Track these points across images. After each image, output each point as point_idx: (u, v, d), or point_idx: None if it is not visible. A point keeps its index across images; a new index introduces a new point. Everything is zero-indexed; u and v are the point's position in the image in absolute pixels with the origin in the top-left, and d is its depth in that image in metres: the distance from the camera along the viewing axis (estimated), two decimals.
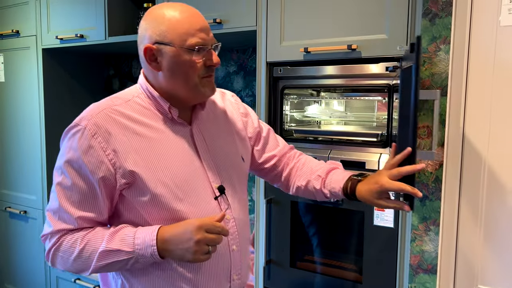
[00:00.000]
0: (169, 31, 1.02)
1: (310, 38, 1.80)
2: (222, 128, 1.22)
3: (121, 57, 3.07)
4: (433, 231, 1.56)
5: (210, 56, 1.05)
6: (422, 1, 1.54)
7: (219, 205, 1.13)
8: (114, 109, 1.05)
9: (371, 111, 2.07)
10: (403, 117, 1.10)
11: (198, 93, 1.07)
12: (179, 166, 1.07)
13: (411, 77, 1.06)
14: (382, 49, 1.65)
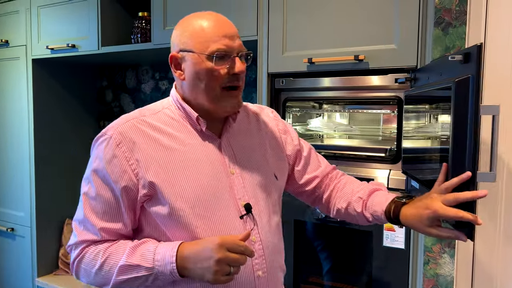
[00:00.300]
0: (192, 38, 1.00)
1: (313, 48, 1.71)
2: (255, 143, 1.14)
3: (114, 68, 2.97)
4: (448, 253, 1.46)
5: (234, 64, 0.99)
6: (434, 9, 1.46)
7: (245, 224, 1.04)
8: (141, 120, 1.03)
9: (376, 125, 1.98)
10: (459, 136, 1.00)
11: (219, 106, 1.01)
12: (203, 180, 1.01)
13: (468, 90, 0.96)
14: (391, 60, 1.56)
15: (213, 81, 0.98)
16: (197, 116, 1.03)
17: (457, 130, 1.01)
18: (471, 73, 0.99)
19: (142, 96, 2.86)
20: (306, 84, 1.78)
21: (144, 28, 2.28)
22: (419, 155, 1.46)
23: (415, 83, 1.49)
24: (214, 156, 1.05)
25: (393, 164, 1.64)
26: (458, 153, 1.02)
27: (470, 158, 0.99)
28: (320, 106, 2.11)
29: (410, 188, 1.54)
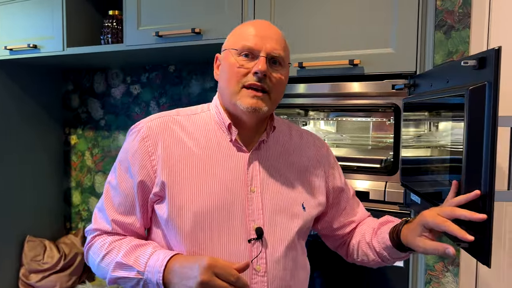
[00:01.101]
0: (230, 37, 1.02)
1: (304, 52, 1.59)
2: (290, 167, 1.06)
3: (81, 71, 2.75)
4: (452, 271, 1.37)
5: (257, 62, 0.95)
6: (434, 11, 1.37)
7: (251, 250, 0.94)
8: (174, 118, 1.01)
9: (367, 133, 1.88)
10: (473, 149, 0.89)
11: (236, 104, 0.96)
12: (217, 191, 0.95)
13: (484, 99, 0.85)
14: (387, 65, 1.46)
15: (234, 76, 0.95)
16: (229, 123, 0.99)
17: (472, 143, 0.91)
18: (487, 79, 0.89)
19: (112, 101, 2.65)
20: (296, 90, 1.65)
21: (115, 28, 2.09)
22: (421, 166, 1.37)
23: (415, 89, 1.39)
24: (237, 169, 0.98)
25: (389, 175, 1.53)
26: (472, 168, 0.91)
27: (486, 175, 0.89)
28: (306, 113, 1.99)
29: (409, 202, 1.44)
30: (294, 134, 1.12)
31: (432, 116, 1.29)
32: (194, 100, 2.38)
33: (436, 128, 1.30)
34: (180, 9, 1.83)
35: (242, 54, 0.95)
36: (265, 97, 0.95)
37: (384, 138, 1.80)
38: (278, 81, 0.97)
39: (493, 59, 0.86)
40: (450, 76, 1.09)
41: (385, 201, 1.51)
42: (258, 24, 1.00)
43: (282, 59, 0.98)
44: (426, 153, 1.35)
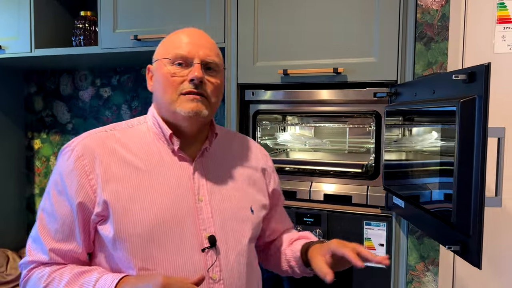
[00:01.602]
0: (160, 46, 1.01)
1: (288, 59, 1.62)
2: (235, 172, 1.06)
3: (44, 72, 2.63)
4: (432, 271, 1.44)
5: (191, 70, 0.94)
6: (414, 23, 1.44)
7: (206, 259, 0.92)
8: (110, 134, 0.98)
9: (345, 138, 1.93)
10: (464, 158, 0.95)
11: (175, 112, 0.94)
12: (164, 205, 0.92)
13: (474, 111, 0.91)
14: (370, 74, 1.51)
15: (170, 86, 0.94)
16: (170, 133, 0.97)
17: (463, 151, 0.97)
18: (477, 93, 0.95)
19: (81, 104, 2.55)
20: (279, 97, 1.67)
21: (87, 29, 2.02)
22: (404, 170, 1.43)
23: (396, 98, 1.46)
24: (182, 179, 0.96)
25: (370, 180, 1.59)
26: (463, 176, 0.98)
27: (477, 182, 0.95)
28: (283, 119, 2.02)
29: (391, 206, 1.50)
30: (235, 139, 1.14)
31: (417, 123, 1.36)
32: None
33: (420, 135, 1.37)
34: (159, 12, 1.79)
35: (176, 62, 0.94)
36: (204, 101, 0.94)
37: (363, 143, 1.87)
38: (215, 86, 0.97)
39: (483, 74, 0.92)
40: (437, 87, 1.15)
41: (368, 205, 1.56)
42: (189, 32, 0.99)
43: (216, 65, 0.97)
44: (410, 158, 1.41)
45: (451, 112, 1.01)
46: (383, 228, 1.53)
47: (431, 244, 1.44)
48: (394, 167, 1.48)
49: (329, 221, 1.59)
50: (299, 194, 1.65)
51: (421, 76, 1.41)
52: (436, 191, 1.15)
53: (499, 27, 1.39)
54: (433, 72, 1.41)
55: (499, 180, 0.97)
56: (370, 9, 1.49)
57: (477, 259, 0.94)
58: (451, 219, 0.99)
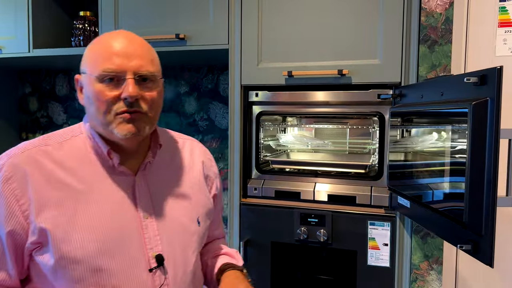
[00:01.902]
0: (86, 57, 0.89)
1: (292, 61, 1.63)
2: (181, 182, 1.00)
3: (39, 73, 2.59)
4: (436, 270, 1.47)
5: (126, 87, 0.84)
6: (418, 26, 1.46)
7: (154, 279, 0.89)
8: (42, 150, 0.88)
9: (345, 139, 1.95)
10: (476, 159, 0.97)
11: (112, 133, 0.87)
12: (107, 226, 0.86)
13: (486, 113, 0.93)
14: (374, 75, 1.53)
15: (102, 106, 0.85)
16: (108, 149, 0.89)
17: (475, 152, 0.99)
18: (489, 95, 0.98)
19: (77, 105, 2.53)
20: (283, 98, 1.68)
21: (87, 29, 2.00)
22: (409, 171, 1.45)
23: (401, 99, 1.48)
24: (125, 197, 0.90)
25: (374, 180, 1.61)
26: (476, 176, 1.00)
27: (489, 182, 0.97)
28: (283, 120, 2.03)
29: (395, 206, 1.52)
30: (180, 145, 1.08)
31: (423, 124, 1.38)
32: (167, 104, 2.34)
33: (423, 135, 1.39)
34: (162, 12, 1.79)
35: (105, 80, 0.84)
36: (142, 118, 0.87)
37: (364, 144, 1.89)
38: (153, 100, 0.88)
39: (495, 77, 0.95)
40: (445, 89, 1.17)
41: (372, 205, 1.58)
42: (118, 39, 0.86)
43: (152, 75, 0.87)
44: (415, 158, 1.43)
45: (462, 113, 1.03)
46: (387, 228, 1.55)
47: (435, 243, 1.46)
48: (399, 167, 1.50)
49: (333, 222, 1.60)
50: (303, 195, 1.66)
51: (425, 78, 1.44)
52: (445, 191, 1.17)
53: (500, 30, 1.42)
54: (437, 74, 1.43)
55: (510, 180, 0.99)
56: (374, 11, 1.51)
57: (489, 258, 0.96)
58: (463, 219, 1.01)
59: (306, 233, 1.62)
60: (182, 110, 2.32)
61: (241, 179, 1.72)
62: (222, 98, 2.24)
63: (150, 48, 0.91)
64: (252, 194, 1.73)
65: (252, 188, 1.73)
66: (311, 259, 1.67)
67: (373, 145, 1.82)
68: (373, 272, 1.57)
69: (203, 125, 2.29)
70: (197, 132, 2.30)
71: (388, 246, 1.55)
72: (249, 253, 1.72)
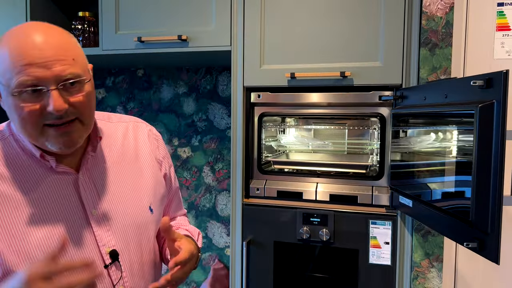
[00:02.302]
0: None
1: (294, 63, 1.65)
2: (128, 171, 0.97)
3: None
4: (436, 267, 1.50)
5: (48, 100, 0.76)
6: (419, 30, 1.49)
7: (109, 275, 0.88)
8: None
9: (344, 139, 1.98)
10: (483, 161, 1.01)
11: (44, 144, 0.81)
12: (52, 229, 0.82)
13: (493, 116, 0.96)
14: (376, 77, 1.56)
15: (28, 121, 0.77)
16: (41, 153, 0.84)
17: (481, 154, 1.02)
18: (495, 98, 1.01)
19: None
20: (285, 100, 1.70)
21: (86, 30, 1.99)
22: (411, 170, 1.48)
23: (402, 101, 1.51)
24: (69, 196, 0.86)
25: (374, 180, 1.64)
26: (482, 176, 1.03)
27: (495, 182, 1.00)
28: (282, 120, 2.05)
29: (396, 205, 1.56)
30: (125, 131, 1.01)
31: (425, 125, 1.41)
32: (166, 105, 2.34)
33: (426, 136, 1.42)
34: (163, 14, 1.79)
35: (23, 93, 0.75)
36: (76, 126, 0.81)
37: (364, 145, 1.92)
38: (83, 103, 0.80)
39: (502, 80, 0.98)
40: (449, 91, 1.21)
41: (373, 204, 1.61)
42: (30, 39, 0.75)
43: (78, 76, 0.78)
44: (416, 158, 1.47)
45: (467, 115, 1.06)
46: (388, 226, 1.58)
47: (436, 241, 1.50)
48: (400, 167, 1.53)
49: (335, 221, 1.63)
50: (305, 195, 1.69)
51: (426, 81, 1.47)
52: (449, 190, 1.20)
53: (498, 34, 1.47)
54: (438, 76, 1.47)
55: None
56: (376, 15, 1.54)
57: (496, 255, 0.99)
58: (470, 217, 1.04)
59: (308, 233, 1.64)
60: (180, 111, 2.33)
61: (243, 179, 1.74)
62: (221, 99, 2.25)
63: (69, 42, 0.80)
64: (254, 194, 1.75)
65: (255, 188, 1.74)
66: (314, 258, 1.70)
67: (372, 145, 1.85)
68: (374, 270, 1.60)
69: (202, 126, 2.30)
70: (195, 133, 2.30)
71: (389, 245, 1.58)
72: (252, 252, 1.73)
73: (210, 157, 2.30)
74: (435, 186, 1.30)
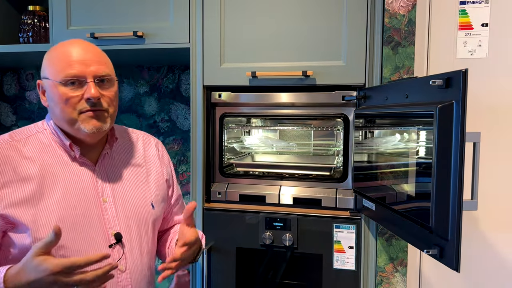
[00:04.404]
0: (48, 64, 1.01)
1: (255, 61, 1.58)
2: (135, 171, 1.16)
3: None
4: (401, 271, 1.47)
5: (87, 89, 0.99)
6: (382, 28, 1.45)
7: (112, 253, 1.04)
8: (11, 144, 1.01)
9: (309, 140, 1.93)
10: (442, 163, 0.96)
11: (78, 129, 1.00)
12: (70, 208, 1.00)
13: (452, 116, 0.92)
14: (338, 77, 1.51)
15: (67, 107, 0.98)
16: (70, 143, 1.03)
17: (441, 156, 0.99)
18: (454, 98, 0.97)
19: (27, 106, 2.37)
20: (247, 99, 1.63)
21: (36, 25, 1.87)
22: (373, 172, 1.44)
23: (365, 101, 1.47)
24: (86, 184, 1.04)
25: (339, 183, 1.60)
26: (442, 180, 0.99)
27: (455, 187, 0.97)
28: (248, 121, 1.99)
29: (360, 208, 1.52)
30: (136, 139, 1.22)
31: (387, 126, 1.37)
32: (126, 105, 2.23)
33: (387, 137, 1.39)
34: (119, 9, 1.69)
35: (68, 84, 0.97)
36: (104, 114, 1.01)
37: (329, 146, 1.87)
38: (111, 98, 1.03)
39: (461, 79, 0.94)
40: (409, 91, 1.17)
41: (337, 208, 1.57)
42: (76, 47, 1.01)
43: (109, 77, 1.02)
44: (379, 160, 1.43)
45: (427, 115, 1.02)
46: (353, 230, 1.54)
47: (400, 245, 1.46)
48: (364, 169, 1.49)
49: (298, 225, 1.57)
50: (268, 199, 1.63)
51: (389, 80, 1.43)
52: (409, 193, 1.16)
53: (460, 33, 1.44)
54: (400, 76, 1.43)
55: (475, 183, 0.99)
56: (338, 12, 1.50)
57: (456, 263, 0.96)
58: (429, 224, 1.00)
59: (271, 238, 1.58)
60: (141, 111, 2.23)
61: (204, 183, 1.66)
62: (183, 99, 2.17)
63: (103, 54, 1.05)
64: (216, 198, 1.67)
65: (216, 192, 1.67)
66: (277, 264, 1.64)
67: (337, 146, 1.81)
68: (339, 276, 1.55)
69: (164, 126, 2.20)
70: (158, 134, 2.21)
71: (354, 249, 1.54)
72: (213, 259, 1.66)
73: (173, 159, 2.21)
74: (397, 189, 1.26)
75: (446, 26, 1.44)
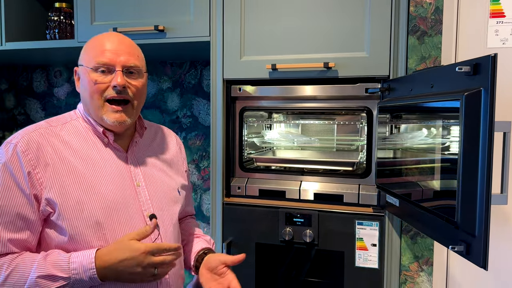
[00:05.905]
0: (84, 52, 1.06)
1: (276, 54, 1.55)
2: (161, 160, 1.20)
3: (16, 68, 2.49)
4: (426, 271, 1.41)
5: (114, 77, 1.03)
6: (407, 17, 1.40)
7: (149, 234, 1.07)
8: (50, 130, 1.04)
9: (332, 135, 1.89)
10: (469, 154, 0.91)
11: (102, 119, 1.04)
12: (108, 192, 1.03)
13: (480, 104, 0.87)
14: (361, 69, 1.47)
15: (95, 92, 1.02)
16: (103, 129, 1.07)
17: (468, 147, 0.93)
18: (482, 85, 0.91)
19: (55, 102, 2.43)
20: (267, 93, 1.61)
21: (62, 22, 1.91)
22: (398, 168, 1.39)
23: (389, 93, 1.41)
24: (120, 169, 1.08)
25: (362, 178, 1.55)
26: (468, 172, 0.93)
27: (483, 179, 0.91)
28: (269, 116, 1.96)
29: (383, 204, 1.46)
30: (157, 130, 1.27)
31: (413, 119, 1.31)
32: (150, 100, 2.25)
33: (412, 131, 1.33)
34: (140, 4, 1.70)
35: (98, 70, 1.02)
36: (127, 109, 1.05)
37: (352, 141, 1.82)
38: (138, 89, 1.06)
39: (489, 65, 0.88)
40: (435, 81, 1.11)
41: (359, 204, 1.52)
42: (110, 39, 1.05)
43: (137, 68, 1.05)
44: (404, 155, 1.37)
45: (453, 107, 0.97)
46: (376, 227, 1.49)
47: (425, 243, 1.40)
48: (388, 164, 1.44)
49: (319, 222, 1.53)
50: (288, 194, 1.59)
51: (415, 71, 1.37)
52: (436, 188, 1.11)
53: (492, 21, 1.37)
54: (427, 66, 1.37)
55: (505, 176, 0.93)
56: (361, 1, 1.45)
57: (483, 260, 0.90)
58: (455, 218, 0.95)
59: (291, 234, 1.55)
60: (164, 106, 2.24)
61: (224, 177, 1.65)
62: (205, 94, 2.16)
63: (136, 47, 1.09)
64: (235, 193, 1.66)
65: (236, 187, 1.65)
66: (297, 260, 1.60)
67: (361, 141, 1.75)
68: (361, 274, 1.50)
69: (187, 122, 2.21)
70: (180, 129, 2.21)
71: (377, 247, 1.49)
72: (232, 254, 1.63)
73: (195, 155, 2.21)
74: (422, 184, 1.21)
75: (476, 14, 1.37)
